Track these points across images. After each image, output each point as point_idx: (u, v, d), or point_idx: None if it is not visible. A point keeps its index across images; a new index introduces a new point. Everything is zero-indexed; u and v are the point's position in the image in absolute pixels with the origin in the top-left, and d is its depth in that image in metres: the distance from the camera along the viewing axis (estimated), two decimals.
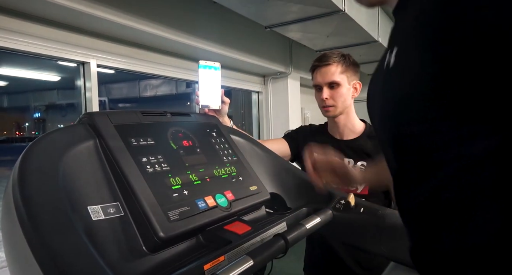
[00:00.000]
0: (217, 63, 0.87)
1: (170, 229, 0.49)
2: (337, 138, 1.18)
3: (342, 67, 1.11)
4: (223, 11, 1.78)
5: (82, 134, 0.52)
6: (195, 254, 0.52)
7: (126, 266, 0.45)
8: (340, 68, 1.11)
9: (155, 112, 0.65)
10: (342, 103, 1.12)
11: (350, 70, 1.13)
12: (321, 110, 1.17)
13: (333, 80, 1.11)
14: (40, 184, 0.42)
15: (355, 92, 1.15)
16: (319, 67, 1.14)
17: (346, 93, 1.12)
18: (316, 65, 1.15)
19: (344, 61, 1.12)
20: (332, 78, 1.11)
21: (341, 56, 1.12)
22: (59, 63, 1.68)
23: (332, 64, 1.11)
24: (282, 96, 2.96)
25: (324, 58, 1.13)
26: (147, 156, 0.55)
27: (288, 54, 2.87)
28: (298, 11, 1.77)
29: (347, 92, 1.12)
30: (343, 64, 1.12)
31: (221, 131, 0.75)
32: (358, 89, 1.16)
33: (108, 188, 0.51)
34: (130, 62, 1.82)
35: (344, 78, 1.12)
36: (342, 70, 1.11)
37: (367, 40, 2.36)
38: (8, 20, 1.29)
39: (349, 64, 1.13)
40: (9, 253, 0.43)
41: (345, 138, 1.16)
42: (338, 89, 1.11)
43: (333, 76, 1.11)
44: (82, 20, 1.44)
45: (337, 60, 1.11)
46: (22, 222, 0.38)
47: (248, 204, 0.64)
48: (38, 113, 13.80)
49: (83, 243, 0.38)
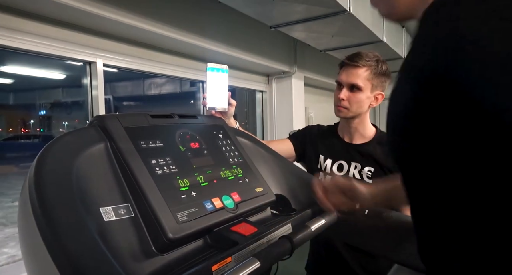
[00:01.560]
0: (225, 66, 0.88)
1: (178, 230, 0.50)
2: (346, 140, 1.15)
3: (371, 73, 1.05)
4: (228, 11, 1.78)
5: (94, 137, 0.54)
6: (202, 255, 0.54)
7: (137, 266, 0.47)
8: (368, 74, 1.04)
9: (163, 115, 0.66)
10: (356, 109, 1.07)
11: (378, 79, 1.06)
12: (334, 107, 1.12)
13: (356, 83, 1.04)
14: (55, 185, 0.43)
15: (374, 102, 1.09)
16: (347, 65, 1.07)
17: (365, 101, 1.06)
18: (346, 63, 1.08)
19: (376, 67, 1.05)
20: (355, 81, 1.04)
21: (375, 61, 1.05)
22: (65, 61, 1.70)
23: (362, 67, 1.04)
24: (286, 96, 2.97)
25: (356, 58, 1.06)
26: (156, 158, 0.56)
27: (292, 53, 2.87)
28: (303, 11, 1.77)
29: (365, 100, 1.06)
30: (372, 70, 1.05)
31: (228, 133, 0.76)
32: (378, 100, 1.10)
33: (118, 189, 0.52)
34: (136, 62, 1.84)
35: (368, 85, 1.05)
36: (369, 76, 1.05)
37: (372, 40, 2.35)
38: (18, 20, 1.31)
39: (379, 73, 1.06)
40: (26, 251, 0.45)
41: (354, 142, 1.13)
42: (358, 94, 1.05)
43: (357, 79, 1.04)
44: (89, 20, 1.46)
45: (368, 64, 1.04)
46: (39, 222, 0.39)
47: (254, 206, 0.65)
48: (44, 111, 13.92)
49: (97, 243, 0.40)
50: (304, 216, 0.73)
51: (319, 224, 0.66)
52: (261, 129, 3.12)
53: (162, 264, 0.50)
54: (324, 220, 0.68)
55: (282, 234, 0.58)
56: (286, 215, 0.73)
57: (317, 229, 0.64)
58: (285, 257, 0.55)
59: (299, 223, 0.67)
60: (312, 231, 0.63)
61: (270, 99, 3.06)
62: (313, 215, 0.74)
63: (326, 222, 0.68)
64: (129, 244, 0.48)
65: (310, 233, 0.62)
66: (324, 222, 0.67)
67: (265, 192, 0.70)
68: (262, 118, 3.12)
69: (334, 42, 2.37)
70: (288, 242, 0.55)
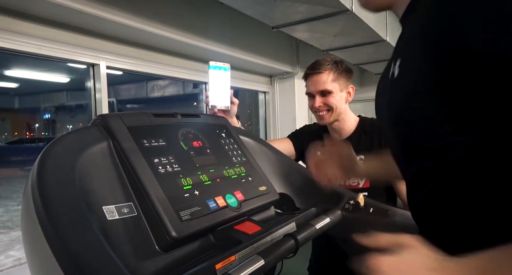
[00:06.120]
0: (227, 64, 0.88)
1: (182, 229, 0.50)
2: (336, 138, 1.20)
3: (334, 75, 1.12)
4: (230, 12, 1.79)
5: (96, 136, 0.54)
6: (206, 254, 0.53)
7: (140, 265, 0.46)
8: (332, 76, 1.12)
9: (166, 114, 0.66)
10: (335, 111, 1.14)
11: (343, 77, 1.14)
12: (316, 117, 1.19)
13: (325, 88, 1.12)
14: (58, 184, 0.43)
15: (349, 97, 1.17)
16: (311, 75, 1.15)
17: (339, 100, 1.13)
18: (308, 73, 1.16)
19: (337, 68, 1.13)
20: (324, 87, 1.12)
21: (333, 63, 1.13)
22: (68, 65, 1.71)
23: (324, 72, 1.12)
24: (289, 96, 2.96)
25: (316, 66, 1.14)
26: (159, 157, 0.56)
27: (295, 54, 2.87)
28: (305, 11, 1.76)
29: (340, 100, 1.14)
30: (335, 71, 1.12)
31: (230, 132, 0.76)
32: (351, 93, 1.17)
33: (121, 188, 0.52)
34: (139, 64, 1.85)
35: (336, 86, 1.13)
36: (334, 78, 1.12)
37: (375, 39, 2.34)
38: (21, 23, 1.32)
39: (341, 72, 1.13)
40: (29, 251, 0.45)
41: (343, 137, 1.19)
42: (330, 98, 1.13)
43: (324, 84, 1.12)
44: (92, 22, 1.47)
45: (329, 68, 1.12)
46: (42, 221, 0.39)
47: (258, 204, 0.65)
48: (48, 114, 14.04)
49: (100, 242, 0.39)
50: (308, 214, 0.73)
51: (324, 222, 0.65)
52: (264, 130, 3.11)
53: (166, 263, 0.49)
54: (328, 218, 0.67)
55: (286, 232, 0.58)
56: (290, 214, 0.72)
57: (321, 227, 0.64)
58: (290, 255, 0.55)
59: (303, 222, 0.67)
60: (316, 229, 0.62)
61: (273, 100, 3.05)
62: (317, 213, 0.73)
63: (331, 220, 0.67)
64: (133, 243, 0.48)
65: (315, 231, 0.62)
66: (329, 221, 0.67)
67: (269, 191, 0.69)
68: (265, 119, 3.11)
69: (336, 42, 2.36)
70: (292, 240, 0.54)
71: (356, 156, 0.77)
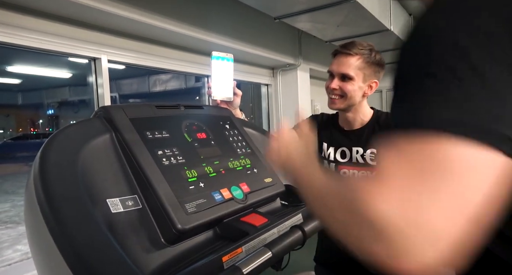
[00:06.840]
0: (230, 55, 0.87)
1: (188, 221, 0.49)
2: (346, 129, 1.15)
3: (363, 62, 1.01)
4: (232, 3, 1.76)
5: (99, 128, 0.53)
6: (212, 246, 0.53)
7: (146, 258, 0.46)
8: (360, 63, 1.01)
9: (169, 105, 0.65)
10: (349, 99, 1.05)
11: (370, 68, 1.03)
12: (328, 99, 1.11)
13: (347, 73, 1.02)
14: (60, 178, 0.43)
15: (369, 91, 1.06)
16: (340, 53, 1.04)
17: (357, 90, 1.03)
18: (338, 51, 1.05)
19: (368, 57, 1.02)
20: (347, 71, 1.02)
21: (368, 50, 1.02)
22: (70, 60, 1.70)
23: (354, 56, 1.01)
24: (291, 89, 2.94)
25: (348, 46, 1.03)
26: (163, 149, 0.55)
27: (297, 45, 2.83)
28: (308, 1, 1.73)
29: (357, 90, 1.03)
30: (365, 59, 1.01)
31: (235, 124, 0.74)
32: (373, 88, 1.07)
33: (125, 180, 0.51)
34: (140, 57, 1.83)
35: (360, 75, 1.02)
36: (361, 65, 1.01)
37: (379, 29, 2.30)
38: (22, 18, 1.30)
39: (372, 62, 1.02)
40: (33, 245, 0.44)
41: (354, 128, 1.13)
42: (349, 84, 1.02)
43: (348, 68, 1.02)
44: (93, 16, 1.45)
45: (360, 53, 1.01)
46: (45, 215, 0.39)
47: (264, 196, 0.64)
48: (51, 110, 14.09)
49: (105, 235, 0.39)
50: None
51: None
52: (267, 123, 3.10)
53: (172, 255, 0.49)
54: None
55: (293, 224, 0.57)
56: (296, 206, 0.71)
57: None
58: (297, 247, 0.54)
59: (310, 214, 0.66)
60: None
61: (275, 93, 3.03)
62: None
63: None
64: (138, 236, 0.47)
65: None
66: None
67: (274, 183, 0.68)
68: (268, 112, 3.10)
69: (339, 32, 2.32)
70: (300, 231, 0.54)
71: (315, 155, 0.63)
